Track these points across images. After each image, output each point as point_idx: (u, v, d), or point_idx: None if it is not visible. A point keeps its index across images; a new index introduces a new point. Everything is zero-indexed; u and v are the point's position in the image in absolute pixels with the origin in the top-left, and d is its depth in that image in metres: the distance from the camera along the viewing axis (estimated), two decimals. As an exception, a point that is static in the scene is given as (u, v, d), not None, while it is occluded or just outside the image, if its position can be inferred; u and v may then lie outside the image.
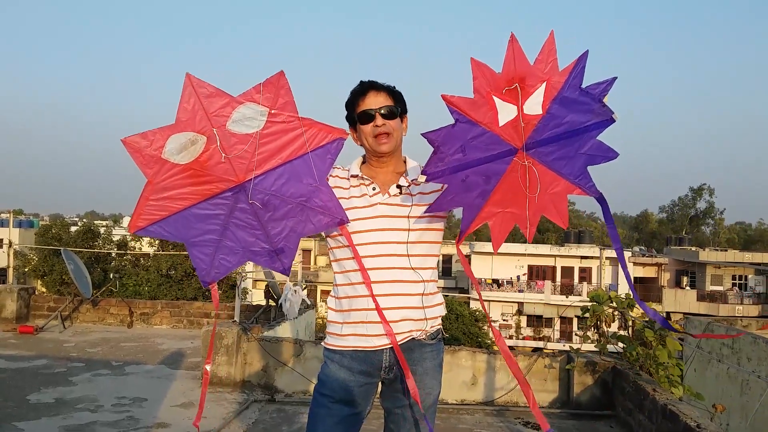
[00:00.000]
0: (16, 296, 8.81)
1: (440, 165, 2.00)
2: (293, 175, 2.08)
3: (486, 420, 5.17)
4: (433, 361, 2.22)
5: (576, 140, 1.99)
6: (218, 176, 2.06)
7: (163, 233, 2.08)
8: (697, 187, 67.78)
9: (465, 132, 1.98)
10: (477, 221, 2.06)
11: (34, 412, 4.84)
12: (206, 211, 2.08)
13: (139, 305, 9.56)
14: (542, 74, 1.95)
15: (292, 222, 2.11)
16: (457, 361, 5.66)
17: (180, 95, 2.02)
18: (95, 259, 26.41)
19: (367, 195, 2.19)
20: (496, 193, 2.04)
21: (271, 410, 5.25)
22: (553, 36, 1.95)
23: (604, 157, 2.00)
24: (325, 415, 2.15)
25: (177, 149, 2.03)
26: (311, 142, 2.08)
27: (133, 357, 7.04)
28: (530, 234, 2.06)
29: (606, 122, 1.97)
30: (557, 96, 1.96)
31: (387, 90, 2.20)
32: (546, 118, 1.98)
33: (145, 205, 2.05)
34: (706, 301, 38.85)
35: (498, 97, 1.96)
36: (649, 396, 4.37)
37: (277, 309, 9.13)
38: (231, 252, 2.12)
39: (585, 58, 1.95)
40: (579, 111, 1.97)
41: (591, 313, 5.38)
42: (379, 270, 2.11)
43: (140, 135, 2.02)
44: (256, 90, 2.03)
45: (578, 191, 2.03)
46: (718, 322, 7.69)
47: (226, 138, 2.04)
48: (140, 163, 2.03)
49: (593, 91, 1.95)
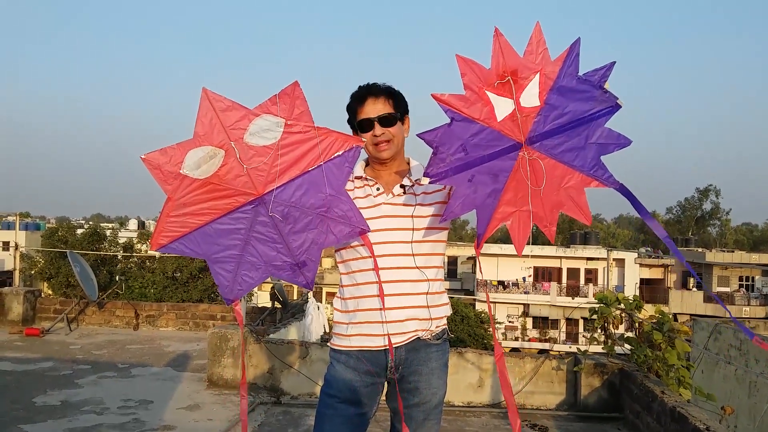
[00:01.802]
0: (22, 299, 8.83)
1: (442, 166, 1.94)
2: (312, 186, 2.06)
3: (493, 422, 5.15)
4: (439, 361, 2.21)
5: (583, 130, 1.93)
6: (238, 190, 2.05)
7: (185, 250, 2.07)
8: (704, 188, 67.64)
9: (463, 130, 1.93)
10: (493, 223, 1.98)
11: (40, 414, 4.84)
12: (227, 226, 2.07)
13: (145, 307, 9.57)
14: (534, 65, 1.91)
15: (313, 234, 2.08)
16: (464, 363, 5.64)
17: (197, 110, 2.02)
18: (101, 261, 26.51)
19: (371, 195, 2.19)
20: (507, 191, 1.97)
21: (277, 412, 5.23)
22: (539, 26, 1.91)
23: (616, 144, 1.93)
24: (332, 416, 2.15)
25: (196, 164, 2.02)
26: (328, 151, 2.06)
27: (139, 359, 7.04)
28: (551, 234, 1.96)
29: (611, 109, 1.91)
30: (554, 86, 1.91)
31: (386, 93, 2.17)
32: (545, 109, 1.93)
33: (166, 221, 2.04)
34: (712, 302, 38.67)
35: (491, 92, 1.91)
36: (658, 398, 4.34)
37: (283, 311, 9.13)
38: (253, 267, 2.10)
39: (578, 45, 1.90)
40: (580, 99, 1.91)
41: (599, 314, 5.35)
42: (384, 270, 2.10)
43: (159, 151, 2.01)
44: (272, 102, 2.03)
45: (596, 183, 1.94)
46: (725, 324, 7.64)
47: (244, 151, 2.03)
48: (160, 179, 2.02)
49: (592, 77, 1.90)
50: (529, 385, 5.53)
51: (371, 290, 2.12)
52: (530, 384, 5.53)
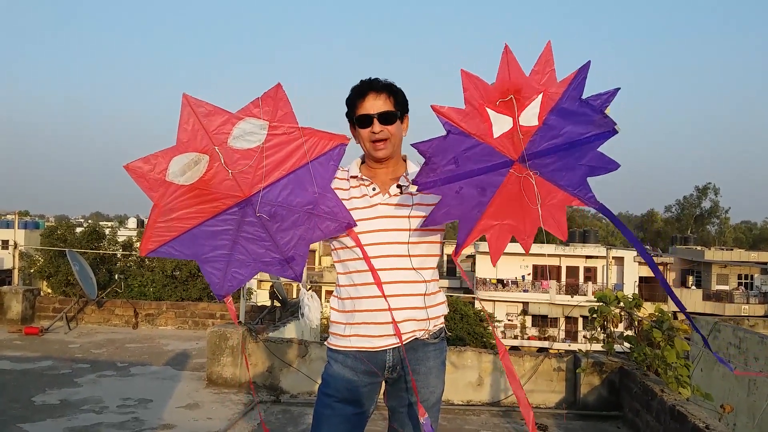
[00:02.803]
0: (21, 297, 8.82)
1: (432, 175, 1.96)
2: (298, 185, 2.09)
3: (492, 421, 5.15)
4: (436, 360, 2.22)
5: (575, 151, 1.95)
6: (224, 193, 2.06)
7: (173, 252, 2.08)
8: (703, 186, 67.60)
9: (458, 143, 1.94)
10: (474, 234, 2.03)
11: (39, 413, 4.84)
12: (215, 228, 2.09)
13: (144, 306, 9.56)
14: (539, 85, 1.91)
15: (300, 230, 2.11)
16: (463, 362, 5.64)
17: (179, 117, 2.01)
18: (100, 260, 26.53)
19: (368, 195, 2.17)
20: (492, 205, 2.01)
21: (277, 411, 5.24)
22: (550, 46, 1.90)
23: (604, 168, 1.97)
24: (329, 415, 2.15)
25: (180, 171, 2.02)
26: (313, 151, 2.08)
27: (138, 358, 7.04)
28: (527, 246, 2.03)
29: (607, 134, 1.93)
30: (555, 107, 1.92)
31: (387, 90, 2.15)
32: (542, 129, 1.94)
33: (154, 227, 2.06)
34: (711, 300, 38.72)
35: (492, 109, 1.92)
36: (657, 396, 4.34)
37: (282, 309, 9.13)
38: (243, 265, 2.12)
39: (586, 69, 1.90)
40: (578, 122, 1.93)
41: (598, 313, 5.35)
42: (381, 271, 2.10)
43: (142, 160, 2.01)
44: (255, 105, 2.03)
45: (577, 202, 2.00)
46: (724, 322, 7.64)
47: (228, 155, 2.04)
48: (145, 187, 2.03)
49: (594, 102, 1.91)
50: (528, 384, 5.53)
51: (369, 291, 2.11)
52: (530, 382, 5.54)
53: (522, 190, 2.00)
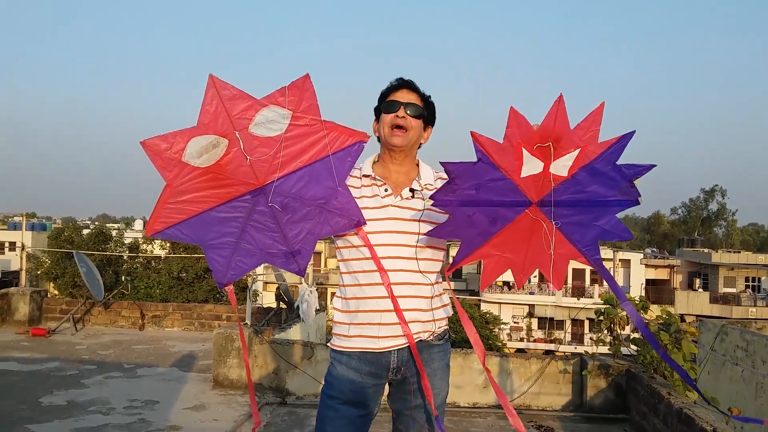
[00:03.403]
0: (28, 299, 8.86)
1: (450, 195, 1.99)
2: (313, 178, 2.07)
3: (498, 423, 5.14)
4: (441, 362, 2.21)
5: (594, 211, 1.99)
6: (238, 179, 2.04)
7: (180, 236, 2.06)
8: (709, 189, 67.37)
9: (484, 172, 1.97)
10: (472, 257, 2.08)
11: (46, 414, 4.86)
12: (225, 214, 2.06)
13: (151, 308, 9.58)
14: (579, 141, 1.93)
15: (310, 224, 2.09)
16: (469, 364, 5.63)
17: (203, 96, 1.98)
18: (107, 261, 26.62)
19: (379, 196, 2.17)
20: (499, 236, 2.05)
21: (283, 413, 5.24)
22: (602, 107, 1.92)
23: (618, 236, 2.00)
24: (333, 418, 2.14)
25: (198, 152, 1.99)
26: (333, 145, 2.06)
27: (145, 359, 7.06)
28: (520, 282, 2.10)
29: (629, 202, 1.96)
30: (588, 164, 1.94)
31: (421, 95, 2.21)
32: (569, 181, 1.97)
33: (163, 208, 2.02)
34: (719, 303, 38.53)
35: (528, 150, 1.94)
36: (664, 399, 4.32)
37: (288, 311, 9.13)
38: (248, 254, 2.10)
39: (629, 138, 1.92)
40: (604, 184, 1.96)
41: (605, 315, 5.34)
42: (388, 272, 2.09)
43: (160, 137, 1.98)
44: (281, 93, 2.01)
45: (582, 260, 2.04)
46: (732, 325, 7.61)
47: (248, 141, 2.01)
48: (159, 166, 1.99)
49: (627, 170, 1.93)
50: (534, 386, 5.52)
51: (374, 291, 2.11)
52: (536, 385, 5.52)
53: (532, 231, 2.04)
